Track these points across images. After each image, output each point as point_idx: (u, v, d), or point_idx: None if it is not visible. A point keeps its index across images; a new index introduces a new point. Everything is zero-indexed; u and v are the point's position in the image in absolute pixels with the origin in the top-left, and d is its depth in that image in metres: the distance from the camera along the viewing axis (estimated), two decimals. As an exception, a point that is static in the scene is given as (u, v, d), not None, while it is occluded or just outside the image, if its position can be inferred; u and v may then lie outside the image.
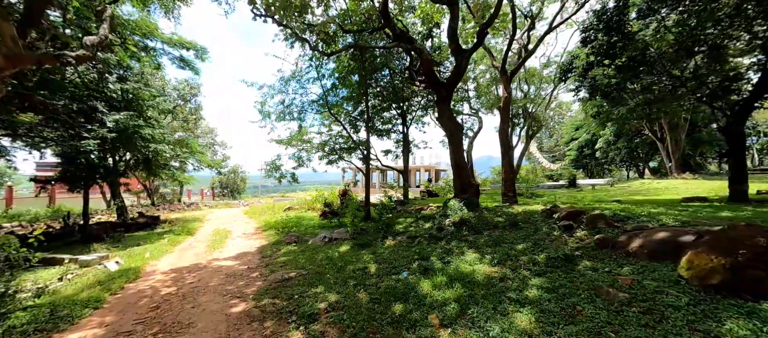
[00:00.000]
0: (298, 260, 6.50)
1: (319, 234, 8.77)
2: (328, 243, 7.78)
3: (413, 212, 10.21)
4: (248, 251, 8.06)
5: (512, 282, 3.89)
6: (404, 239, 6.81)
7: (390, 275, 4.72)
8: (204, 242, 9.57)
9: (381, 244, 6.86)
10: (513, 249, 5.00)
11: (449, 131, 9.25)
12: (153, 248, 8.60)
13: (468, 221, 6.92)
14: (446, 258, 5.07)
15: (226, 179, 36.82)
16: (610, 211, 5.47)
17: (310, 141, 12.98)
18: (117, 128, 9.21)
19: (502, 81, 9.33)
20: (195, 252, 8.15)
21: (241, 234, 10.79)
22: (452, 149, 9.20)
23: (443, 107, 9.27)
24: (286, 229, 10.40)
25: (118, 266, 6.61)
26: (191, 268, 6.59)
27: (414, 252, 5.48)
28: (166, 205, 24.60)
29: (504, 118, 9.20)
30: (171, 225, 13.13)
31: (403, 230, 7.84)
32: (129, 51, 10.53)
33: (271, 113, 12.52)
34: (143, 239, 10.33)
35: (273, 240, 9.16)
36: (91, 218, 17.59)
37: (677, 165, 21.33)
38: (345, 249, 6.81)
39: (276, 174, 12.66)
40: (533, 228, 5.88)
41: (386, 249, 6.26)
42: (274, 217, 14.54)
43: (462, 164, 9.12)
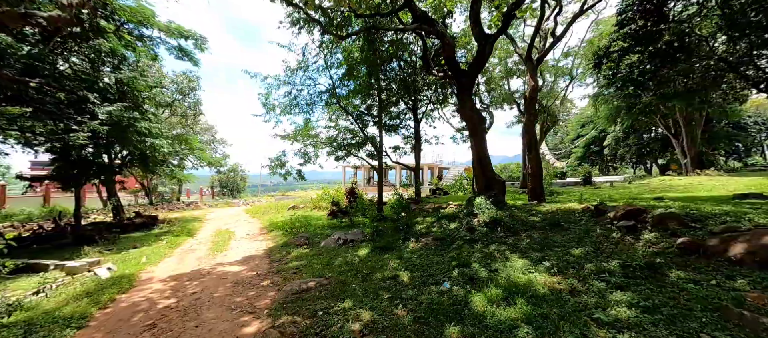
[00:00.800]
0: (313, 265, 5.79)
1: (331, 235, 8.05)
2: (343, 246, 7.07)
3: (430, 211, 9.51)
4: (255, 255, 7.34)
5: (587, 296, 3.19)
6: (430, 242, 6.09)
7: (428, 285, 4.01)
8: (206, 244, 8.84)
9: (404, 247, 6.15)
10: (569, 255, 4.29)
11: (471, 123, 8.53)
12: (150, 251, 7.87)
13: (500, 220, 6.20)
14: (491, 264, 4.36)
15: (226, 178, 36.05)
16: (677, 209, 4.77)
17: (316, 136, 12.23)
18: (110, 120, 8.45)
19: (527, 70, 8.63)
20: (196, 256, 7.43)
21: (246, 235, 10.07)
22: (475, 142, 8.48)
23: (465, 96, 8.54)
24: (294, 229, 9.68)
25: (110, 273, 5.88)
26: (193, 275, 5.86)
27: (451, 258, 4.76)
28: (164, 204, 23.83)
29: (530, 110, 8.49)
30: (170, 226, 12.39)
31: (425, 231, 7.13)
32: (123, 40, 9.76)
33: (275, 106, 11.77)
34: (140, 240, 9.61)
35: (281, 242, 8.44)
36: (85, 219, 16.89)
37: (693, 162, 20.67)
38: (364, 253, 6.09)
39: (281, 171, 11.92)
40: (582, 229, 5.17)
41: (412, 253, 5.55)
42: (278, 216, 13.82)
43: (486, 159, 8.41)
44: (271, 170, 11.99)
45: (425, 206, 10.53)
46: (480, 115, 8.61)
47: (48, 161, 10.55)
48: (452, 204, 9.05)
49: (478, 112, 8.63)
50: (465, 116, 8.59)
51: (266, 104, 11.67)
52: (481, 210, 6.99)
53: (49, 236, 10.58)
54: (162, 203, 24.26)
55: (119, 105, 8.60)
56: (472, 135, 8.66)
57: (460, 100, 8.72)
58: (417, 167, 13.27)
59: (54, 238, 10.23)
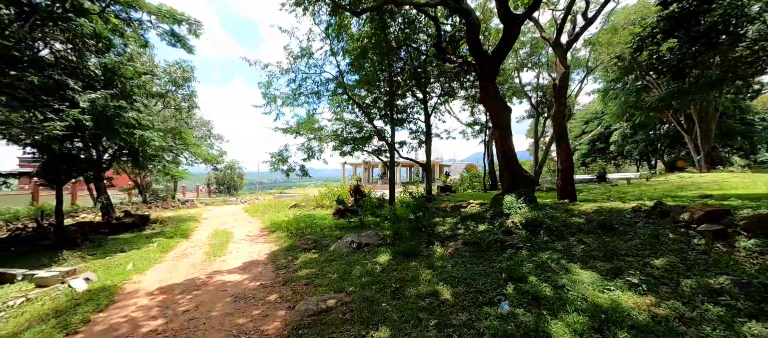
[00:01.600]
0: (327, 274, 4.97)
1: (341, 238, 7.23)
2: (357, 250, 6.25)
3: (448, 209, 8.72)
4: (257, 260, 6.50)
5: (708, 327, 2.40)
6: (460, 247, 5.29)
7: (479, 306, 3.21)
8: (201, 247, 7.98)
9: (430, 253, 5.35)
10: (649, 267, 3.51)
11: (495, 113, 7.72)
12: (139, 256, 7.00)
13: (540, 222, 5.42)
14: (551, 278, 3.57)
15: (223, 176, 35.02)
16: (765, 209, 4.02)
17: (321, 129, 11.38)
18: (93, 109, 7.53)
19: (557, 55, 7.85)
20: (191, 262, 6.57)
21: (245, 237, 9.21)
22: (500, 134, 7.68)
23: (488, 84, 7.72)
24: (299, 230, 8.84)
25: (88, 284, 5.02)
26: (186, 286, 5.02)
27: (500, 269, 3.95)
28: (158, 202, 22.85)
29: (560, 99, 7.71)
30: (162, 226, 11.50)
31: (449, 233, 6.33)
32: (110, 23, 8.82)
33: (277, 97, 10.88)
34: (129, 243, 8.73)
35: (285, 245, 7.60)
36: (73, 218, 15.91)
37: (706, 158, 20.09)
38: (385, 260, 5.28)
39: (283, 167, 11.07)
40: (647, 234, 4.39)
41: (444, 261, 4.74)
42: (279, 215, 12.96)
43: (511, 153, 7.62)
44: (272, 165, 11.13)
45: (440, 205, 9.74)
46: (505, 104, 7.80)
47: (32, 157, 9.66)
48: (474, 202, 8.26)
49: (503, 101, 7.83)
50: (488, 105, 7.78)
51: (267, 95, 10.79)
52: (513, 210, 6.21)
53: (30, 237, 9.68)
54: (156, 201, 23.27)
55: (104, 93, 7.68)
56: (496, 127, 7.85)
57: (482, 88, 7.90)
58: (428, 163, 12.47)
59: (35, 239, 9.34)
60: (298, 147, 11.34)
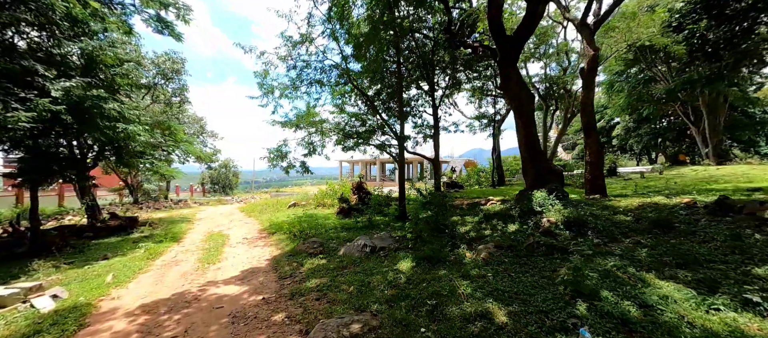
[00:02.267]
0: (341, 285, 4.24)
1: (351, 240, 6.50)
2: (371, 255, 5.52)
3: (465, 207, 8.02)
4: (257, 268, 5.74)
5: None
6: (494, 251, 4.59)
7: (549, 332, 2.50)
8: (194, 252, 7.19)
9: (458, 258, 4.64)
10: (753, 277, 2.83)
11: (518, 101, 7.02)
12: (122, 264, 6.19)
13: (583, 221, 4.73)
14: (630, 292, 2.88)
15: (218, 174, 34.00)
16: None
17: (322, 122, 10.56)
18: (68, 99, 6.67)
19: (583, 37, 7.16)
20: (181, 270, 5.79)
21: (242, 240, 8.43)
22: (523, 123, 6.99)
23: (509, 69, 7.01)
24: (301, 232, 8.07)
25: (57, 302, 4.22)
26: (174, 302, 4.25)
27: (561, 280, 3.23)
28: (150, 203, 21.86)
29: (589, 84, 7.03)
30: (152, 228, 10.65)
31: (474, 234, 5.63)
32: (89, 7, 7.91)
33: (274, 88, 10.03)
34: (113, 248, 7.92)
35: (288, 249, 6.85)
36: (58, 221, 14.96)
37: (715, 151, 19.68)
38: (407, 267, 4.55)
39: (282, 164, 10.23)
40: (725, 234, 3.72)
41: (480, 269, 4.04)
42: (278, 215, 12.18)
43: (536, 145, 6.94)
44: (270, 162, 10.29)
45: (453, 202, 9.05)
46: (528, 90, 7.10)
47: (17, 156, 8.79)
48: (494, 199, 7.57)
49: (527, 87, 7.12)
50: (510, 92, 7.06)
51: (263, 85, 9.92)
52: (545, 207, 5.52)
53: (4, 243, 8.79)
54: (148, 202, 22.29)
55: (80, 80, 6.80)
56: (519, 116, 7.15)
57: (503, 74, 7.19)
58: (436, 157, 11.75)
59: (10, 246, 8.43)
60: (298, 142, 10.51)
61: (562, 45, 14.41)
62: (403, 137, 8.71)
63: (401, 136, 8.62)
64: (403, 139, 8.67)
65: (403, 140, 8.67)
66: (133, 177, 22.68)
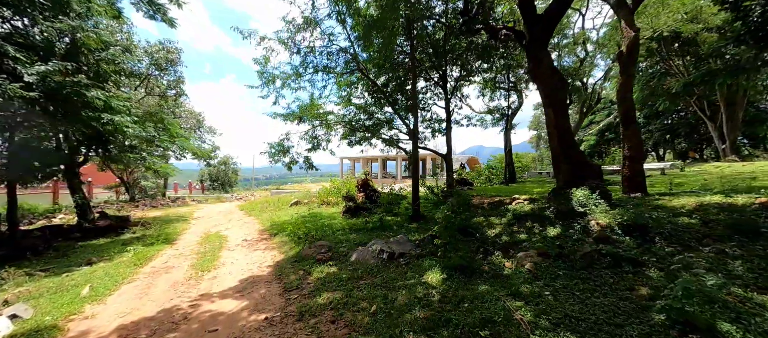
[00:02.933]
0: (359, 302, 3.53)
1: (364, 245, 5.78)
2: (389, 262, 4.80)
3: (485, 207, 7.29)
4: (258, 276, 5.02)
5: None
6: (538, 260, 3.87)
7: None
8: (187, 256, 6.47)
9: (496, 268, 3.92)
10: None
11: (550, 88, 6.28)
12: (105, 271, 5.47)
13: (645, 226, 4.00)
14: (756, 323, 2.14)
15: (217, 171, 33.25)
16: None
17: (327, 114, 9.81)
18: (44, 85, 5.91)
19: (621, 17, 6.39)
20: (171, 279, 5.06)
21: (242, 242, 7.71)
22: (554, 113, 6.25)
23: (540, 53, 6.26)
24: (306, 234, 7.34)
25: (16, 324, 3.50)
26: (159, 323, 3.53)
27: (662, 309, 2.50)
28: (146, 201, 21.15)
29: (628, 69, 6.27)
30: (144, 228, 9.93)
31: (507, 238, 4.90)
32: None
33: (276, 77, 9.26)
34: (100, 251, 7.21)
35: (292, 253, 6.13)
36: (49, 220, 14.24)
37: (732, 147, 18.95)
38: (437, 279, 3.83)
39: (284, 159, 9.50)
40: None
41: (530, 285, 3.32)
42: (280, 214, 11.47)
43: (569, 137, 6.21)
44: (271, 157, 9.56)
45: (471, 201, 8.31)
46: (561, 76, 6.36)
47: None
48: (520, 198, 6.83)
49: (559, 72, 6.37)
50: (541, 78, 6.31)
51: (264, 74, 9.16)
52: (589, 209, 4.79)
53: (-19, 246, 8.08)
54: (144, 200, 21.58)
55: (58, 64, 6.04)
56: (550, 104, 6.40)
57: (532, 58, 6.43)
58: (448, 154, 11.02)
59: (-12, 248, 7.75)
60: (301, 136, 9.77)
61: (579, 35, 13.60)
62: (417, 131, 7.96)
63: (415, 129, 7.87)
64: (416, 133, 7.92)
65: (416, 134, 7.92)
66: (129, 174, 21.96)
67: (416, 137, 7.91)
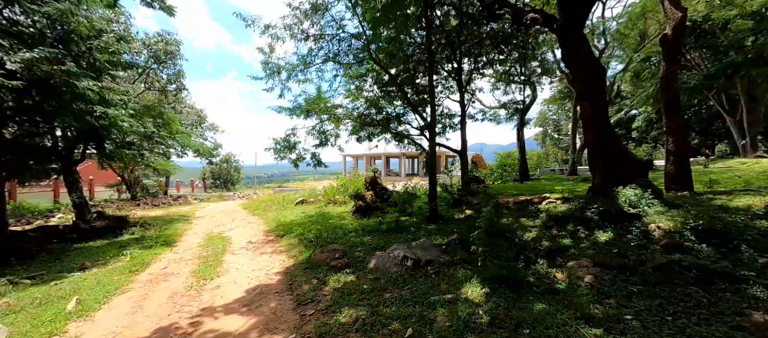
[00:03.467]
0: (387, 321, 2.98)
1: (383, 249, 5.23)
2: (414, 270, 4.24)
3: (513, 207, 6.71)
4: (267, 285, 4.48)
5: None
6: (598, 272, 3.30)
7: None
8: (188, 262, 5.94)
9: (549, 282, 3.35)
10: None
11: (585, 77, 5.67)
12: (97, 279, 4.95)
13: (720, 231, 3.41)
14: None
15: (219, 169, 32.80)
16: None
17: (335, 107, 9.25)
18: (29, 74, 5.38)
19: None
20: (170, 289, 4.53)
21: (247, 244, 7.18)
22: (590, 104, 5.65)
23: (574, 37, 5.65)
24: (316, 236, 6.79)
25: (-16, 349, 2.97)
26: (152, 347, 2.99)
27: None
28: (148, 199, 20.71)
29: (673, 55, 5.63)
30: (144, 229, 9.41)
31: (549, 244, 4.32)
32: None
33: (281, 68, 8.69)
34: (95, 254, 6.71)
35: (302, 258, 5.58)
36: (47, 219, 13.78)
37: (752, 143, 18.22)
38: (477, 293, 3.27)
39: (291, 155, 8.97)
40: None
41: (604, 305, 2.75)
42: (286, 214, 10.93)
43: (608, 129, 5.61)
44: (276, 154, 9.03)
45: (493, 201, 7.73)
46: (598, 63, 5.74)
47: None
48: (551, 197, 6.25)
49: (596, 59, 5.76)
50: (577, 66, 5.70)
51: (268, 64, 8.60)
52: (642, 210, 4.20)
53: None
54: (146, 198, 21.15)
55: (45, 51, 5.49)
56: (585, 94, 5.80)
57: (565, 43, 5.82)
58: (464, 149, 10.43)
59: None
60: (309, 131, 9.22)
61: (598, 24, 12.91)
62: (434, 123, 7.38)
63: (432, 122, 7.28)
64: (434, 125, 7.33)
65: (433, 127, 7.34)
66: (129, 172, 21.55)
67: (433, 130, 7.33)
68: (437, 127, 12.45)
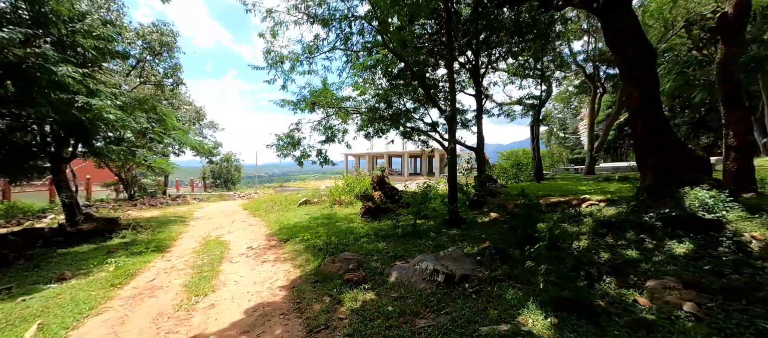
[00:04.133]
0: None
1: (402, 259, 4.53)
2: (447, 287, 3.53)
3: (544, 209, 5.98)
4: (270, 304, 3.77)
5: None
6: (692, 296, 2.57)
7: None
8: (180, 272, 5.23)
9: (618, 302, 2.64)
10: None
11: (633, 60, 4.94)
12: (73, 294, 4.25)
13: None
14: None
15: (219, 169, 32.12)
16: None
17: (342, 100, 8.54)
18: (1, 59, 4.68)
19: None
20: (155, 308, 3.82)
21: (247, 250, 6.47)
22: (640, 92, 4.91)
23: (620, 16, 4.92)
24: (325, 241, 6.08)
25: None
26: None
27: None
28: (145, 199, 20.05)
29: (733, 38, 4.88)
30: (136, 232, 8.72)
31: (608, 257, 3.60)
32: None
33: (284, 57, 7.98)
34: (79, 261, 6.03)
35: (309, 268, 4.87)
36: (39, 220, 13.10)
37: (774, 141, 17.47)
38: (542, 325, 2.56)
39: (295, 152, 8.26)
40: None
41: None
42: (288, 215, 10.21)
43: (661, 121, 4.88)
44: (279, 150, 8.32)
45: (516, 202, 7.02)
46: (649, 45, 5.01)
47: None
48: (592, 199, 5.52)
49: (647, 41, 5.03)
50: (622, 46, 4.97)
51: (270, 53, 7.89)
52: (720, 214, 3.46)
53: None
54: (143, 198, 20.49)
55: (15, 30, 4.78)
56: (634, 82, 5.07)
57: (609, 22, 5.09)
58: (480, 146, 9.71)
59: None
60: (314, 126, 8.52)
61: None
62: (455, 116, 6.66)
63: (452, 114, 6.56)
64: (454, 119, 6.62)
65: (454, 120, 6.62)
66: (127, 172, 20.90)
67: (454, 123, 6.60)
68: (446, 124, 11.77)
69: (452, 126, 6.59)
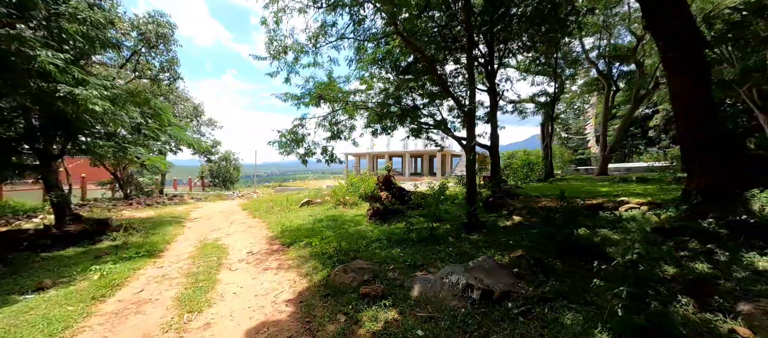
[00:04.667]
0: None
1: (423, 269, 3.99)
2: (485, 305, 2.99)
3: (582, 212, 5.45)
4: (276, 324, 3.22)
5: None
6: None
7: None
8: (172, 281, 4.67)
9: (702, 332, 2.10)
10: None
11: (681, 45, 4.42)
12: (47, 309, 3.69)
13: None
14: None
15: (218, 168, 31.51)
16: None
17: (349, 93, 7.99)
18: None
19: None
20: (141, 330, 3.27)
21: (247, 256, 5.92)
22: (691, 81, 4.39)
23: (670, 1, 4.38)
24: (334, 246, 5.51)
25: None
26: None
27: None
28: (141, 198, 19.46)
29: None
30: (127, 234, 8.16)
31: (675, 271, 3.07)
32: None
33: (287, 48, 7.43)
34: (62, 267, 5.50)
35: (317, 277, 4.33)
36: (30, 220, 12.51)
37: (789, 141, 17.00)
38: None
39: (298, 150, 7.71)
40: None
41: None
42: (291, 217, 9.69)
43: (713, 112, 4.35)
44: (282, 148, 7.77)
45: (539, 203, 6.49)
46: (697, 30, 4.48)
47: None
48: (633, 202, 4.99)
49: (696, 24, 4.50)
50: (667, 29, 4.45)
51: (273, 42, 7.34)
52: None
53: None
54: (139, 197, 19.89)
55: (-14, 10, 4.22)
56: (684, 69, 4.54)
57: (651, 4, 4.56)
58: (495, 144, 9.18)
59: None
60: (319, 122, 7.97)
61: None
62: (474, 111, 6.12)
63: (471, 110, 6.02)
64: (473, 113, 6.08)
65: (473, 115, 6.08)
66: (122, 170, 20.33)
67: (473, 119, 6.06)
68: (457, 121, 11.23)
69: (472, 121, 6.05)
